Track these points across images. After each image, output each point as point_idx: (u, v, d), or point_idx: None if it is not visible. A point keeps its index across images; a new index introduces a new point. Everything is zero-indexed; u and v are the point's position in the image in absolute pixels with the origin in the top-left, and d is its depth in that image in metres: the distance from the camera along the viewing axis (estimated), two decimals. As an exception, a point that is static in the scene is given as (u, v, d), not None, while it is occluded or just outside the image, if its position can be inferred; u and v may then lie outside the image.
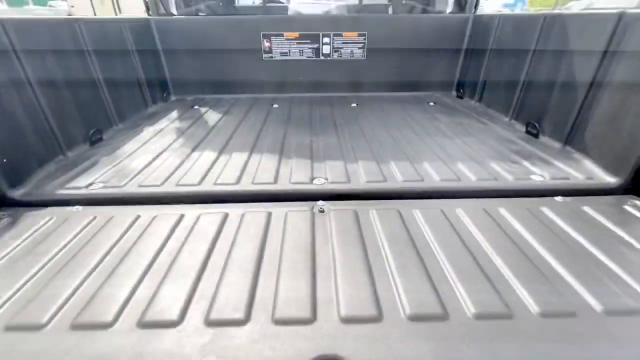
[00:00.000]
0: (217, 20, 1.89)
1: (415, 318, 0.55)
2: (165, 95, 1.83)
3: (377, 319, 0.55)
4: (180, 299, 0.59)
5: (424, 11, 2.09)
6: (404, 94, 1.89)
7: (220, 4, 2.18)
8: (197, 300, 0.60)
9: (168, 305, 0.58)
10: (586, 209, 0.85)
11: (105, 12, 12.80)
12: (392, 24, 1.90)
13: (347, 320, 0.55)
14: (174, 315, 0.56)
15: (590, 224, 0.80)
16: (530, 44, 1.36)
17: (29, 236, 0.78)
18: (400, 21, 1.93)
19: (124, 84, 1.52)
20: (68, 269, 0.68)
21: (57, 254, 0.72)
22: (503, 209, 0.84)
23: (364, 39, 1.83)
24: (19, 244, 0.75)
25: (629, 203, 0.88)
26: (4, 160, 0.92)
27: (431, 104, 1.74)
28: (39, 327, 0.54)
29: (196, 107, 1.72)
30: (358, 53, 1.85)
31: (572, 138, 1.16)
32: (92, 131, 1.25)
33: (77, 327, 0.55)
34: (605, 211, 0.84)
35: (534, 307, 0.57)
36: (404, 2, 2.23)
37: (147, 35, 1.71)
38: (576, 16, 1.21)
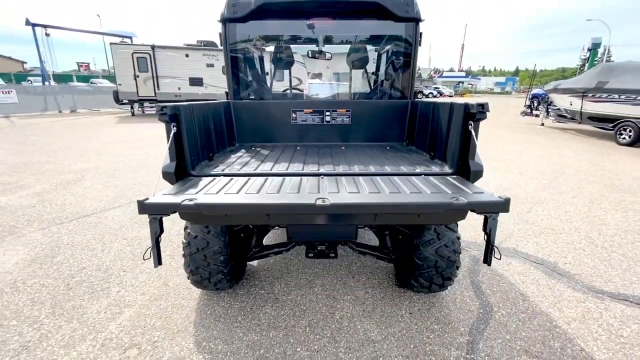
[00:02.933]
0: (265, 102, 3.17)
1: (350, 192, 1.57)
2: (234, 142, 3.02)
3: (336, 193, 1.57)
4: (276, 188, 1.63)
5: (391, 96, 3.35)
6: (373, 143, 3.06)
7: (264, 92, 3.50)
8: (283, 189, 1.63)
9: (274, 189, 1.62)
10: (430, 179, 1.89)
11: (147, 90, 15.27)
12: (366, 105, 3.16)
13: (330, 194, 1.57)
14: (275, 190, 1.60)
15: (427, 181, 1.83)
16: (430, 115, 2.54)
17: (207, 184, 1.82)
18: (370, 103, 3.19)
19: (218, 134, 2.69)
20: (233, 185, 1.72)
21: (225, 185, 1.76)
22: (396, 178, 1.88)
23: (350, 113, 3.07)
24: (207, 184, 1.80)
25: (449, 177, 1.93)
26: (191, 158, 2.02)
27: (388, 148, 2.89)
28: (233, 194, 1.58)
29: (253, 148, 2.88)
30: (346, 120, 3.08)
31: (444, 158, 2.25)
32: (210, 154, 2.38)
33: (246, 195, 1.58)
34: (437, 179, 1.88)
35: (385, 190, 1.60)
36: (377, 92, 3.53)
37: (228, 109, 2.96)
38: (442, 103, 2.38)
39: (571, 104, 11.22)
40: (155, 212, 1.47)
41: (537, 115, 15.46)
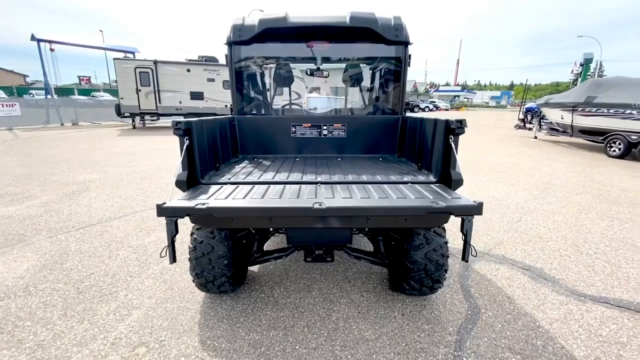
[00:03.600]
0: (267, 117, 3.38)
1: (344, 198, 1.75)
2: (237, 154, 3.21)
3: (331, 198, 1.75)
4: (278, 194, 1.82)
5: (383, 112, 3.57)
6: (366, 155, 3.26)
7: (265, 107, 3.72)
8: (284, 195, 1.82)
9: (276, 195, 1.80)
10: (416, 186, 2.08)
11: (149, 104, 15.59)
12: (360, 119, 3.37)
13: (326, 199, 1.75)
14: (277, 196, 1.78)
15: (413, 188, 2.02)
16: (417, 129, 2.75)
17: (216, 191, 2.00)
18: (364, 118, 3.41)
19: (224, 146, 2.89)
20: (239, 192, 1.90)
21: (232, 192, 1.94)
22: (385, 186, 2.07)
23: (345, 127, 3.28)
24: (216, 191, 1.98)
25: (433, 185, 2.12)
26: (201, 168, 2.21)
27: (380, 159, 3.09)
28: (240, 199, 1.76)
29: (256, 159, 3.07)
30: (342, 134, 3.29)
31: (429, 168, 2.44)
32: (216, 165, 2.56)
33: (251, 200, 1.76)
34: (422, 187, 2.06)
35: (375, 196, 1.78)
36: (372, 108, 3.76)
37: (233, 124, 3.17)
38: (427, 119, 2.60)
39: (562, 118, 11.55)
40: (171, 215, 1.65)
41: (530, 129, 15.82)
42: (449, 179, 2.10)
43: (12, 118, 15.98)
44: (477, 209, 1.62)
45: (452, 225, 4.04)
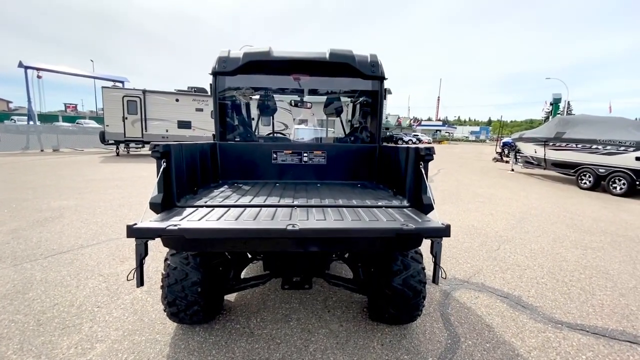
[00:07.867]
0: (249, 144, 3.44)
1: (318, 220, 1.77)
2: (217, 179, 3.21)
3: (305, 220, 1.77)
4: (252, 217, 1.82)
5: (362, 141, 3.70)
6: (345, 181, 3.33)
7: (248, 135, 3.79)
8: (259, 217, 1.81)
9: (250, 217, 1.80)
10: (389, 210, 2.12)
11: (135, 131, 15.53)
12: (340, 147, 3.48)
13: (300, 221, 1.76)
14: (252, 218, 1.78)
15: (386, 212, 2.06)
16: (392, 158, 2.86)
17: (190, 213, 1.98)
18: (343, 146, 3.52)
19: (204, 171, 2.90)
20: (214, 214, 1.89)
21: (206, 214, 1.93)
22: (360, 209, 2.11)
23: (325, 154, 3.36)
24: (190, 213, 1.96)
25: (405, 209, 2.17)
26: (177, 191, 2.19)
27: (359, 185, 3.15)
28: (213, 221, 1.74)
29: (235, 184, 3.08)
30: (322, 161, 3.37)
31: (403, 193, 2.51)
32: (195, 189, 2.55)
33: (225, 222, 1.75)
34: (394, 210, 2.11)
35: (348, 218, 1.81)
36: (352, 138, 3.89)
37: (214, 150, 3.20)
38: (401, 147, 2.70)
39: (536, 152, 12.17)
40: (142, 236, 1.62)
41: (507, 162, 16.51)
42: (421, 204, 2.17)
43: (-11, 143, 15.53)
44: (445, 231, 1.67)
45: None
